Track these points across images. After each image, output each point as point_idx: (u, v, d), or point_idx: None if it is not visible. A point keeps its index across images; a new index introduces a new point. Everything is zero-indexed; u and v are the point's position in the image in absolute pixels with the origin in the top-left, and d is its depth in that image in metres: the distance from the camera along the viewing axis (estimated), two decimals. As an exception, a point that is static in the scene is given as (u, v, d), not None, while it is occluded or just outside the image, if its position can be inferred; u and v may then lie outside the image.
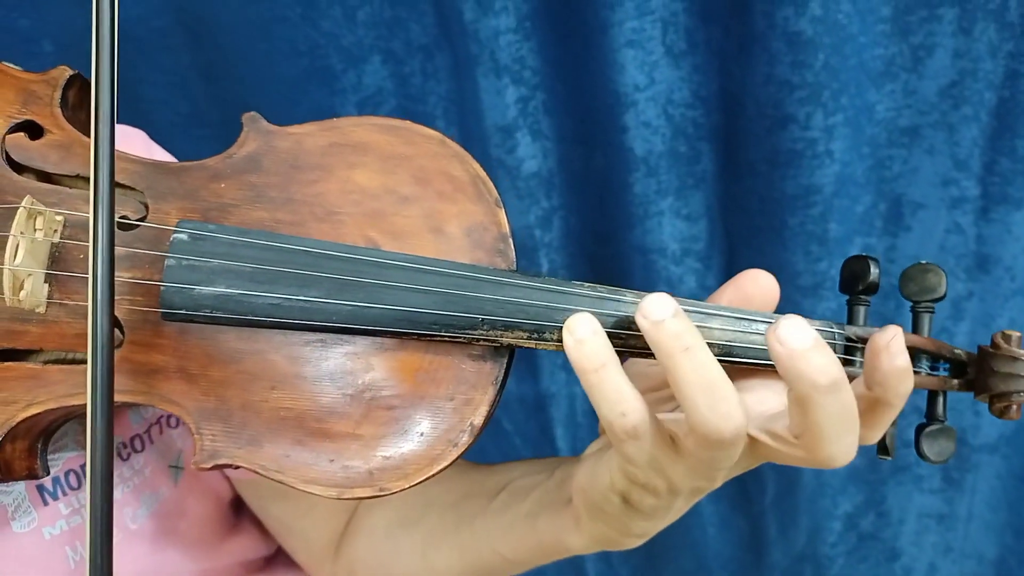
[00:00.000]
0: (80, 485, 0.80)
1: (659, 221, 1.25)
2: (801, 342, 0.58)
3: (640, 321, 0.61)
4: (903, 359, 0.61)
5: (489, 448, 1.41)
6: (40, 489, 0.79)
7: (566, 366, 1.41)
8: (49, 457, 0.73)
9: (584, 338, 0.61)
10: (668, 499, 0.68)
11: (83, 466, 0.81)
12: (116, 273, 0.66)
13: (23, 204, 0.66)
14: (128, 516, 0.84)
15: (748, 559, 1.55)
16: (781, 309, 0.69)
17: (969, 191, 1.23)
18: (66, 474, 0.80)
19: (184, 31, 1.21)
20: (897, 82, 1.19)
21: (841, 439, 0.61)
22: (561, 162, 1.28)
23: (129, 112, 0.92)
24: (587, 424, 1.45)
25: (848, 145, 1.18)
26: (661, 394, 0.75)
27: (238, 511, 0.99)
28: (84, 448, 0.79)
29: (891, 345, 0.61)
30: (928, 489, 1.44)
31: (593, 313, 0.64)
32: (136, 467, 0.85)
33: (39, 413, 0.67)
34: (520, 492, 0.82)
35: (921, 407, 0.73)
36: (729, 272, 1.30)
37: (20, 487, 0.78)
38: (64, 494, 0.80)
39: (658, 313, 0.60)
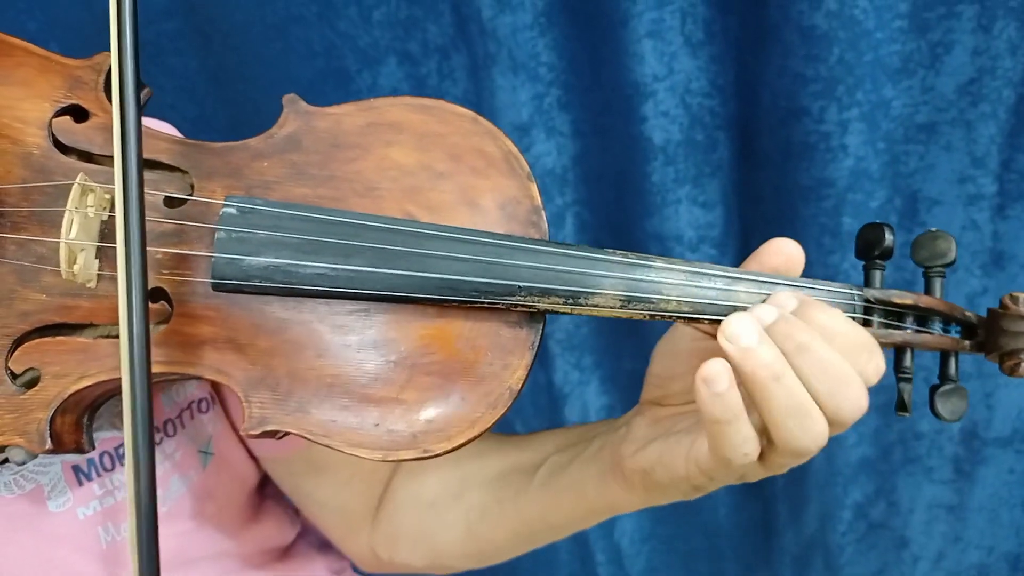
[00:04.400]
0: (114, 467, 0.86)
1: (676, 209, 1.30)
2: (748, 339, 0.65)
3: (725, 346, 0.65)
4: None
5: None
6: (76, 470, 0.84)
7: (579, 365, 1.46)
8: None
9: (723, 391, 0.64)
10: (736, 482, 0.74)
11: (117, 448, 0.86)
12: (164, 248, 0.73)
13: (77, 181, 0.72)
14: (158, 499, 0.89)
15: (759, 543, 1.59)
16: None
17: (986, 188, 1.27)
18: (100, 455, 0.85)
19: (195, 33, 1.26)
20: (914, 78, 1.22)
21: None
22: (575, 158, 1.32)
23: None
24: (601, 423, 1.49)
25: (863, 140, 1.22)
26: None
27: (260, 498, 1.04)
28: (120, 429, 0.85)
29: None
30: (939, 480, 1.48)
31: (625, 279, 0.70)
32: (167, 451, 0.90)
33: (89, 386, 0.73)
34: (560, 466, 0.87)
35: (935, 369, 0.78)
36: (744, 259, 1.34)
37: (57, 468, 0.84)
38: (98, 475, 0.85)
39: (746, 339, 0.65)
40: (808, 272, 1.26)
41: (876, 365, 0.67)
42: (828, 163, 1.23)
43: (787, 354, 0.65)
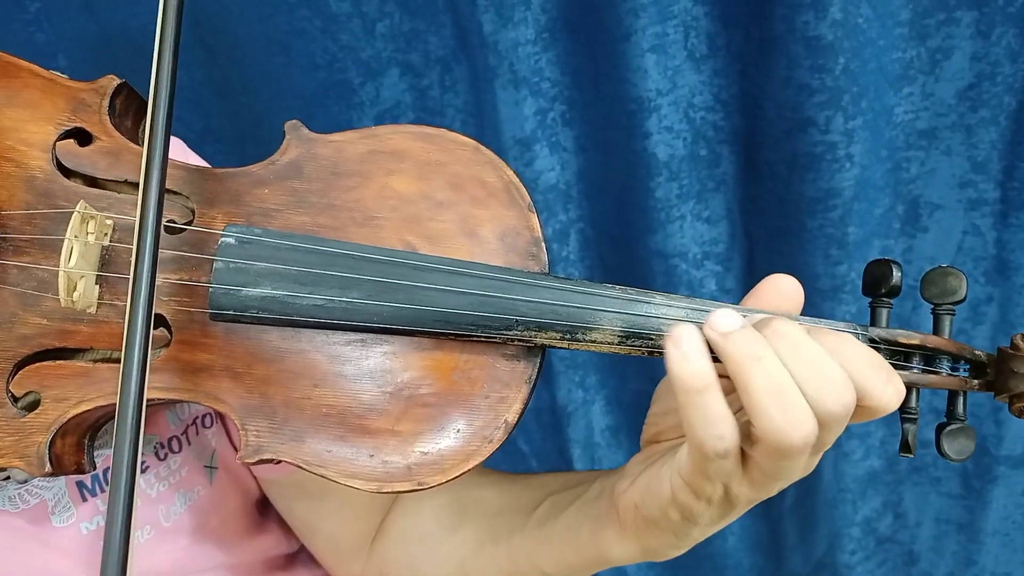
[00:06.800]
0: None
1: (680, 225, 1.30)
2: (730, 324, 0.64)
3: (709, 334, 0.64)
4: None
5: (505, 469, 1.43)
6: (80, 486, 0.85)
7: (583, 384, 1.46)
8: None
9: (691, 355, 0.63)
10: (724, 509, 0.72)
11: None
12: (164, 275, 0.73)
13: (77, 209, 0.72)
14: (162, 513, 0.90)
15: (768, 566, 1.58)
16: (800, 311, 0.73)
17: (987, 194, 1.27)
18: (104, 471, 0.86)
19: (200, 46, 1.26)
20: (915, 85, 1.23)
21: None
22: (579, 173, 1.32)
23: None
24: (605, 444, 1.48)
25: (867, 148, 1.22)
26: None
27: (263, 509, 1.05)
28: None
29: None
30: (947, 493, 1.47)
31: (623, 315, 0.69)
32: (173, 467, 0.91)
33: (89, 410, 0.73)
34: (558, 506, 0.87)
35: (941, 408, 0.77)
36: (749, 274, 1.36)
37: (61, 483, 0.85)
38: (102, 491, 0.86)
39: (726, 325, 0.64)
40: (815, 283, 1.29)
41: (896, 387, 0.66)
42: (835, 173, 1.23)
43: (767, 338, 0.64)
